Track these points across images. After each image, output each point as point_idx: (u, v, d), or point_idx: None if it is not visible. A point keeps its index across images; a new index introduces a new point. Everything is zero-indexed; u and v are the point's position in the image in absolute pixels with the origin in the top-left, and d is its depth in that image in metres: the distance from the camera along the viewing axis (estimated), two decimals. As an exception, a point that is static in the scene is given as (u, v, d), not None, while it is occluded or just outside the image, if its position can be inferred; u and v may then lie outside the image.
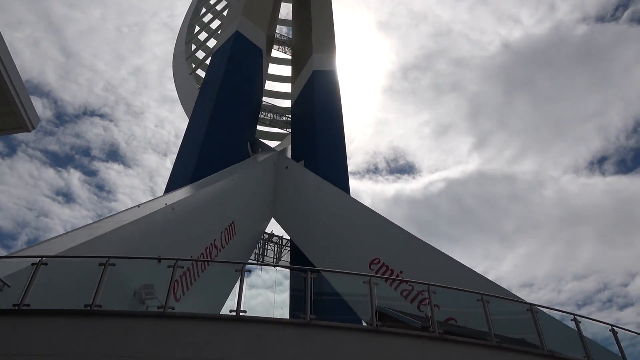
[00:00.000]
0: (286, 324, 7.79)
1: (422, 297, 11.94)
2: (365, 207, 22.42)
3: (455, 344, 8.40)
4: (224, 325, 7.52)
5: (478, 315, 9.42)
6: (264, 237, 29.00)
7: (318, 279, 10.22)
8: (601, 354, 10.47)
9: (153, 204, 14.81)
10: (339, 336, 7.81)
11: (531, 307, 9.91)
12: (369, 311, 8.48)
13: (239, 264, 8.81)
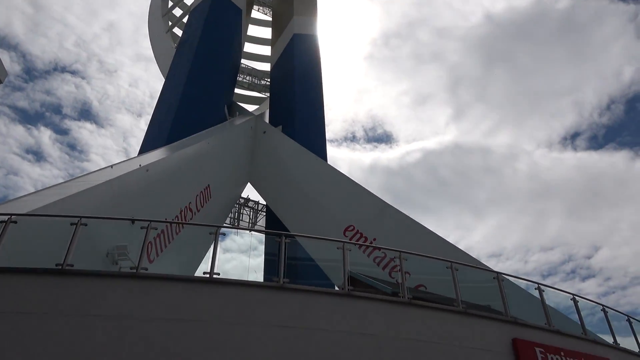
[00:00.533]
0: (259, 287, 7.89)
1: (394, 264, 12.27)
2: (341, 175, 22.52)
3: (423, 309, 8.67)
4: (197, 287, 7.57)
5: (447, 283, 9.71)
6: (240, 202, 29.00)
7: (292, 244, 10.32)
8: (562, 321, 10.98)
9: (127, 165, 14.56)
10: (311, 299, 7.96)
11: (497, 276, 10.26)
12: (342, 276, 8.65)
13: (214, 227, 8.80)
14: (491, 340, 8.82)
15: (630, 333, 12.04)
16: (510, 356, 8.77)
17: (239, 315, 7.40)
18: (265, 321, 7.46)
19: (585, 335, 10.45)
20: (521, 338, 9.02)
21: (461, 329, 8.72)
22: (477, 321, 9.01)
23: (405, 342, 8.04)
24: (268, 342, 7.27)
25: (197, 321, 7.15)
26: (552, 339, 9.55)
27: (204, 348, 6.96)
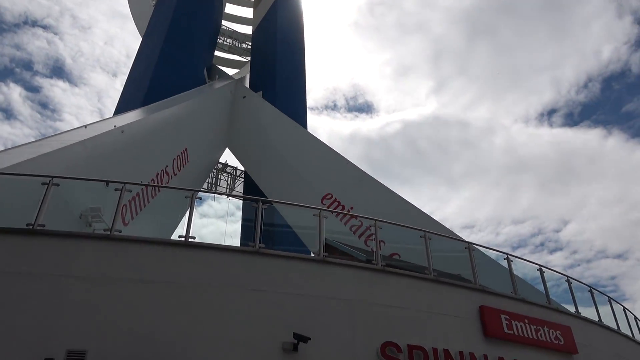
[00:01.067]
0: (235, 251, 7.93)
1: (370, 233, 12.44)
2: (321, 143, 22.48)
3: (395, 275, 8.88)
4: (172, 250, 7.56)
5: (420, 252, 9.93)
6: (218, 167, 28.76)
7: (270, 211, 10.34)
8: (528, 291, 11.41)
9: (101, 126, 14.21)
10: (286, 265, 8.06)
11: (469, 246, 10.53)
12: (317, 243, 8.75)
13: (190, 190, 8.73)
14: (460, 306, 9.12)
15: (591, 303, 12.61)
16: (477, 322, 9.10)
17: (214, 278, 7.46)
18: (240, 285, 7.53)
19: (549, 304, 10.89)
20: (488, 305, 9.35)
21: (432, 295, 8.98)
22: (447, 289, 9.28)
23: (378, 307, 8.25)
24: (243, 306, 7.36)
25: (171, 283, 7.17)
26: (517, 307, 9.93)
27: (179, 310, 7.01)
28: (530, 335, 9.61)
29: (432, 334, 8.41)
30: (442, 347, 8.31)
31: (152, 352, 6.58)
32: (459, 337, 8.68)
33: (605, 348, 11.57)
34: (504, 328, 9.27)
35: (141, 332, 6.72)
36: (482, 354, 8.70)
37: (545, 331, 9.93)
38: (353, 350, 7.64)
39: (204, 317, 7.08)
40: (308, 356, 7.26)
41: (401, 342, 7.98)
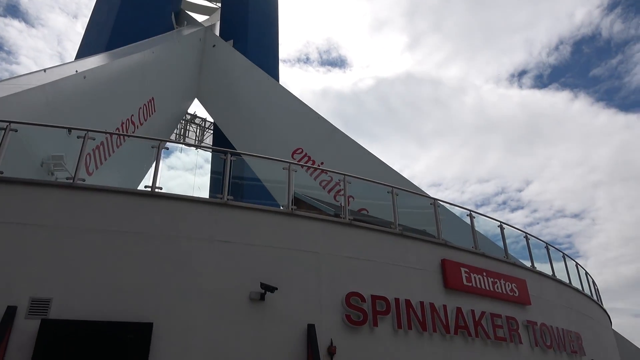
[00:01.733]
0: (203, 203, 7.88)
1: (339, 188, 12.54)
2: (293, 96, 22.16)
3: (362, 229, 9.07)
4: (138, 200, 7.45)
5: (387, 207, 10.12)
6: (186, 118, 28.09)
7: (239, 163, 10.25)
8: (488, 246, 11.89)
9: (62, 70, 13.54)
10: (254, 217, 8.09)
11: (434, 202, 10.79)
12: (287, 197, 8.78)
13: (157, 140, 8.52)
14: (423, 260, 9.44)
15: (547, 260, 13.28)
16: (438, 274, 9.48)
17: (182, 229, 7.43)
18: (208, 236, 7.54)
19: (507, 258, 11.41)
20: (449, 259, 9.72)
21: (397, 249, 9.25)
22: (412, 243, 9.57)
23: (344, 259, 8.45)
24: (211, 257, 7.40)
25: (137, 234, 7.11)
26: (477, 261, 10.37)
27: (146, 260, 7.00)
28: (488, 287, 10.10)
29: (395, 285, 8.73)
30: (404, 298, 8.66)
31: (119, 301, 6.60)
32: (420, 289, 9.04)
33: (556, 300, 12.30)
34: (463, 280, 9.70)
35: (107, 281, 6.69)
36: (441, 304, 9.12)
37: (502, 284, 10.45)
38: (319, 299, 7.86)
39: (171, 267, 7.10)
40: (275, 305, 7.44)
41: (365, 293, 8.26)
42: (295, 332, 7.45)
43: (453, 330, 9.01)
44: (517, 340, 10.11)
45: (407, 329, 8.45)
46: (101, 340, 6.25)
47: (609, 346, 15.19)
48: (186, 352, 6.66)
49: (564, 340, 11.45)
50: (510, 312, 10.34)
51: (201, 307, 7.01)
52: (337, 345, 7.60)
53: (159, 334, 6.54)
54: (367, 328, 8.06)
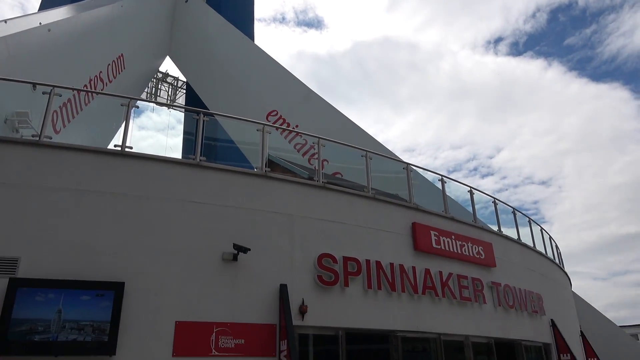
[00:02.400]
0: (175, 163, 7.76)
1: (313, 151, 12.55)
2: (268, 57, 21.70)
3: (335, 192, 9.14)
4: (108, 159, 7.28)
5: (361, 172, 10.21)
6: (158, 77, 27.25)
7: (212, 124, 10.08)
8: (458, 211, 12.19)
9: (24, 22, 12.84)
10: (227, 178, 8.04)
11: (407, 166, 10.93)
12: (260, 159, 8.73)
13: (126, 98, 8.26)
14: (394, 223, 9.63)
15: (513, 225, 13.74)
16: (409, 237, 9.70)
17: (153, 190, 7.33)
18: (180, 198, 7.48)
19: (475, 223, 11.74)
20: (419, 222, 9.94)
21: (369, 212, 9.39)
22: (384, 206, 9.72)
23: (317, 221, 8.54)
24: (184, 218, 7.36)
25: (107, 193, 6.99)
26: (446, 225, 10.64)
27: (116, 221, 6.91)
28: (456, 250, 10.41)
29: (367, 247, 8.91)
30: (375, 259, 8.86)
31: (90, 260, 6.54)
32: (391, 251, 9.26)
33: (520, 262, 12.81)
34: (433, 243, 9.97)
35: (77, 240, 6.61)
36: (411, 265, 9.38)
37: (469, 247, 10.79)
38: (291, 260, 7.97)
39: (143, 227, 7.04)
40: (247, 266, 7.52)
41: (337, 254, 8.42)
42: (267, 291, 7.57)
43: (421, 291, 9.32)
44: (482, 300, 10.54)
45: (377, 289, 8.69)
46: (70, 298, 6.21)
47: (568, 307, 16.02)
48: (159, 311, 6.71)
49: (525, 300, 11.99)
50: (476, 273, 10.73)
51: (173, 267, 7.02)
52: (309, 305, 7.78)
53: (132, 292, 6.54)
54: (338, 288, 8.25)
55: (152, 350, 6.50)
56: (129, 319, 6.42)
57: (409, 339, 9.05)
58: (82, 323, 6.14)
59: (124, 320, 6.36)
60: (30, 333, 5.88)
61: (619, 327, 21.48)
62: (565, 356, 12.73)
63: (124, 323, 6.35)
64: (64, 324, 6.05)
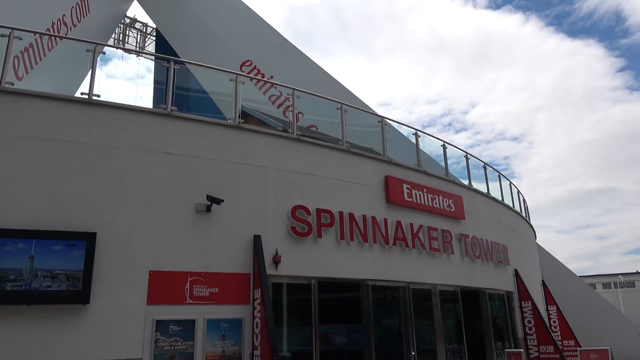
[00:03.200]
0: (145, 113, 7.56)
1: (288, 104, 12.39)
2: (242, 4, 20.89)
3: (310, 145, 9.12)
4: (75, 108, 7.02)
5: (336, 125, 10.17)
6: (125, 22, 25.98)
7: (184, 73, 9.80)
8: (431, 165, 12.38)
9: (-23, -42, 11.93)
10: (200, 129, 7.90)
11: (381, 120, 10.93)
12: (234, 110, 8.58)
13: (92, 43, 7.88)
14: (367, 176, 9.74)
15: (484, 179, 14.07)
16: (382, 190, 9.86)
17: (123, 140, 7.16)
18: (152, 148, 7.34)
19: (446, 177, 11.98)
20: (392, 175, 10.08)
21: (343, 165, 9.45)
22: (358, 159, 9.78)
23: (291, 174, 8.56)
24: (155, 168, 7.26)
25: (75, 143, 6.80)
26: (418, 178, 10.83)
27: (86, 171, 6.77)
28: (427, 202, 10.66)
29: (340, 200, 9.02)
30: (348, 211, 9.01)
31: (60, 211, 6.44)
32: (364, 203, 9.41)
33: (488, 215, 13.23)
34: (405, 196, 10.16)
35: (46, 191, 6.46)
36: (382, 217, 9.58)
37: (440, 200, 11.05)
38: (265, 212, 8.03)
39: (113, 178, 6.92)
40: (221, 217, 7.54)
41: (310, 206, 8.51)
42: (241, 242, 7.66)
43: (392, 242, 9.58)
44: (450, 251, 10.93)
45: (350, 240, 8.89)
46: (41, 248, 6.15)
47: (532, 257, 16.77)
48: (132, 261, 6.73)
49: (491, 251, 12.49)
50: (446, 225, 11.06)
51: (146, 218, 6.99)
52: (282, 255, 7.92)
53: (104, 243, 6.51)
54: (311, 239, 8.40)
55: (127, 299, 6.56)
56: (102, 268, 6.43)
57: (379, 288, 9.39)
58: (55, 272, 6.13)
59: (97, 270, 6.37)
60: (2, 281, 5.84)
61: (578, 277, 22.69)
62: (526, 303, 13.45)
63: (97, 273, 6.36)
64: (37, 272, 6.02)
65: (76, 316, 6.17)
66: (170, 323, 6.79)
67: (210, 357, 6.95)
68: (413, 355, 9.33)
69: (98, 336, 6.24)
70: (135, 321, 6.55)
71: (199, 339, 6.94)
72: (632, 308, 39.55)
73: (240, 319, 7.34)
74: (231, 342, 7.19)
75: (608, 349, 9.99)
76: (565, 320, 16.70)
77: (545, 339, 12.93)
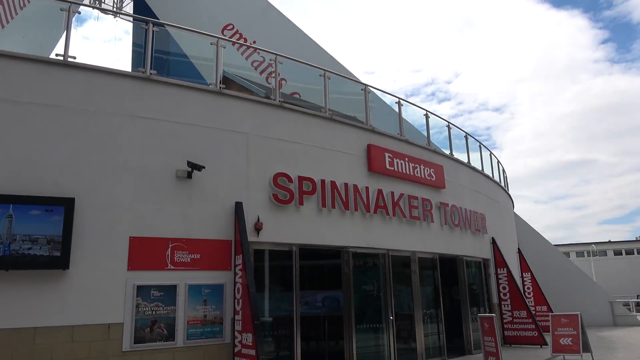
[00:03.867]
0: (123, 76, 7.35)
1: (271, 70, 12.20)
2: (223, -36, 20.20)
3: (292, 112, 9.04)
4: (50, 69, 6.78)
5: (320, 93, 10.07)
6: (102, -19, 24.95)
7: (163, 36, 9.55)
8: (414, 135, 12.43)
9: None
10: (180, 94, 7.74)
11: (365, 87, 10.86)
12: (215, 75, 8.41)
13: (66, 2, 7.56)
14: (350, 144, 9.74)
15: (465, 150, 14.20)
16: (364, 159, 9.89)
17: (101, 103, 6.98)
18: (130, 113, 7.19)
19: (428, 146, 12.05)
20: (375, 144, 10.10)
21: (326, 133, 9.42)
22: (340, 127, 9.75)
23: (273, 141, 8.51)
24: (134, 134, 7.14)
25: (50, 106, 6.61)
26: (400, 147, 10.87)
27: (63, 135, 6.61)
28: (408, 171, 10.74)
29: (323, 168, 9.04)
30: (330, 179, 9.04)
31: (36, 176, 6.31)
32: (346, 171, 9.44)
33: (468, 185, 13.42)
34: (387, 164, 10.22)
35: (21, 155, 6.31)
36: (364, 185, 9.65)
37: (421, 169, 11.15)
38: (246, 179, 8.01)
39: (91, 143, 6.78)
40: (202, 183, 7.50)
41: (292, 174, 8.51)
42: (223, 209, 7.65)
43: (373, 210, 9.68)
44: (430, 219, 11.11)
45: (331, 208, 8.95)
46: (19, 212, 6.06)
47: (509, 226, 17.17)
48: (112, 227, 6.68)
49: (470, 220, 12.73)
50: (426, 194, 11.20)
51: (126, 184, 6.91)
52: (264, 222, 7.96)
53: (83, 208, 6.45)
54: (293, 206, 8.44)
55: (107, 265, 6.56)
56: (81, 234, 6.38)
57: (359, 255, 9.54)
58: (33, 237, 6.06)
59: (77, 236, 6.32)
60: (-23, 247, 5.76)
61: (553, 246, 23.35)
62: (501, 270, 13.85)
63: (77, 238, 6.32)
64: (15, 236, 5.95)
65: (56, 281, 6.15)
66: (152, 288, 6.83)
67: (192, 322, 7.05)
68: (391, 320, 9.59)
69: (79, 301, 6.25)
70: (116, 286, 6.57)
71: (180, 304, 7.00)
72: (604, 276, 41.04)
73: (222, 284, 7.41)
74: (213, 307, 7.28)
75: (578, 314, 10.40)
76: (539, 287, 17.29)
77: (518, 305, 13.40)
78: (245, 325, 6.94)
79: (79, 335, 6.16)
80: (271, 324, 8.22)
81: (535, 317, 13.76)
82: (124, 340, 6.46)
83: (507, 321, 13.45)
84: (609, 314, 19.59)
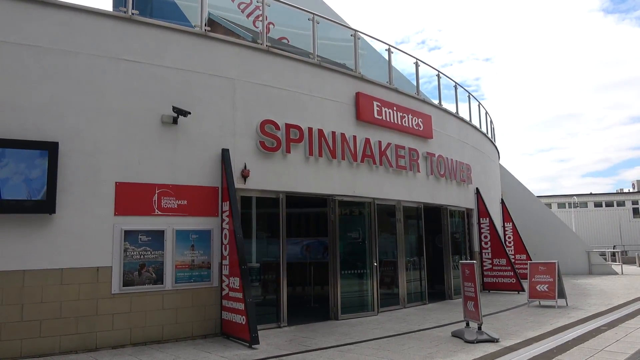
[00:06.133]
0: (104, 16, 7.04)
1: (258, 13, 11.78)
2: None
3: (280, 57, 8.83)
4: (27, 8, 6.35)
5: (309, 39, 9.79)
6: None
7: (145, -26, 9.08)
8: (404, 84, 12.28)
9: None
10: (164, 36, 7.48)
11: (355, 33, 10.59)
12: (200, 16, 8.11)
13: None
14: (338, 92, 9.61)
15: (454, 100, 14.11)
16: (352, 107, 9.80)
17: (81, 44, 6.74)
18: (113, 55, 6.97)
19: (417, 95, 11.95)
20: (363, 92, 9.99)
21: (314, 79, 9.26)
22: (329, 74, 9.59)
23: (261, 87, 8.36)
24: (117, 77, 6.95)
25: (29, 47, 6.36)
26: (389, 96, 10.77)
27: (43, 77, 6.41)
28: (396, 121, 10.71)
29: (310, 115, 8.96)
30: (318, 127, 8.99)
31: (18, 119, 6.17)
32: (334, 119, 9.38)
33: (455, 135, 13.45)
34: (375, 114, 10.16)
35: (1, 97, 6.14)
36: (352, 134, 9.63)
37: (410, 118, 11.11)
38: (233, 125, 7.93)
39: (73, 85, 6.60)
40: (188, 129, 7.42)
41: (280, 121, 8.43)
42: (209, 155, 7.62)
43: (360, 159, 9.71)
44: (416, 169, 11.20)
45: (318, 156, 8.96)
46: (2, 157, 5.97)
47: (494, 177, 17.40)
48: (98, 172, 6.64)
49: (455, 170, 12.87)
50: (414, 144, 11.22)
51: (110, 128, 6.81)
52: (251, 169, 7.96)
53: (67, 153, 6.37)
54: (280, 154, 8.42)
55: (94, 210, 6.56)
56: (67, 179, 6.35)
57: (345, 203, 9.65)
58: (18, 181, 6.01)
59: (62, 181, 6.29)
60: (-40, 190, 5.71)
61: (536, 197, 23.81)
62: (484, 220, 14.17)
63: (63, 183, 6.29)
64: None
65: (43, 226, 6.17)
66: (139, 233, 6.89)
67: (180, 266, 7.18)
68: (375, 266, 9.85)
69: (67, 245, 6.30)
70: (104, 231, 6.62)
71: (168, 248, 7.11)
72: (583, 227, 42.21)
73: (209, 230, 7.50)
74: (200, 252, 7.41)
75: (555, 263, 10.76)
76: (519, 236, 17.78)
77: (499, 253, 13.82)
78: (232, 269, 7.09)
79: (68, 278, 6.26)
80: (258, 269, 8.40)
81: (514, 264, 14.24)
82: (113, 283, 6.59)
83: (487, 268, 13.91)
84: (585, 263, 20.33)
